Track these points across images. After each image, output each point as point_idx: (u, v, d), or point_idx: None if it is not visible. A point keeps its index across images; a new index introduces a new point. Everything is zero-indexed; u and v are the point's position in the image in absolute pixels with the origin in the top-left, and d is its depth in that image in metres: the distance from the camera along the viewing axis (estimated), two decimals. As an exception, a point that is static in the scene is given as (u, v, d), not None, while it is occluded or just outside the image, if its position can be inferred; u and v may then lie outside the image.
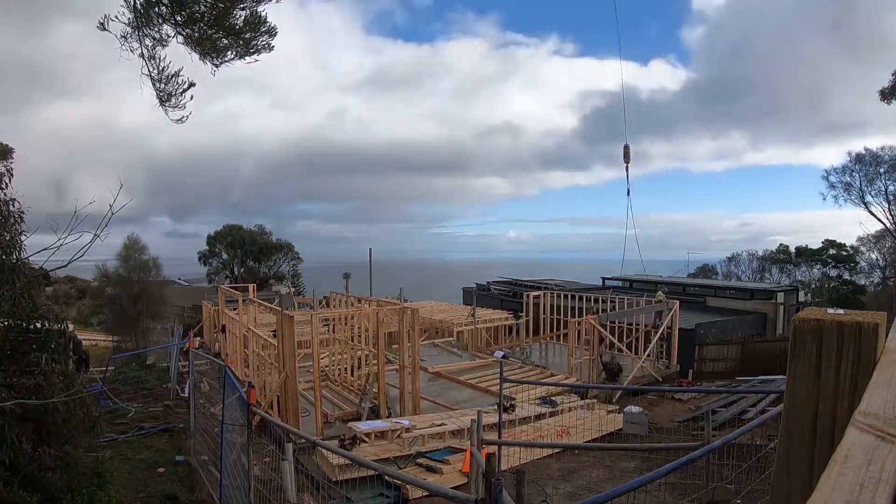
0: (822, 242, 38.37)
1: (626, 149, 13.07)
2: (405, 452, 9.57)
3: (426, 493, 7.86)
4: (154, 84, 4.62)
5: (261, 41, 4.67)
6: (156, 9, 4.36)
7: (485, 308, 21.55)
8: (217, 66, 4.67)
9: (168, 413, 12.51)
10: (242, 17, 4.54)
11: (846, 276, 36.74)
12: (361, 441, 9.78)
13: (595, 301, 19.65)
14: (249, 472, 5.54)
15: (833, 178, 32.91)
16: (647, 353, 16.14)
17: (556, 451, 10.34)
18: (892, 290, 31.49)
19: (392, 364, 13.27)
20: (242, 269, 35.11)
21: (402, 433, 9.96)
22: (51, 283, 30.95)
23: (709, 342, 19.55)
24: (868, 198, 31.85)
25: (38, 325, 5.68)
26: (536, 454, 9.96)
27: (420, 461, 9.33)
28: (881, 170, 31.25)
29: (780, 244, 41.44)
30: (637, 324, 17.40)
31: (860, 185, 31.94)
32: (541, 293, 20.36)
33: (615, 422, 11.86)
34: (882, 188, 31.45)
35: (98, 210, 4.20)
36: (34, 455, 5.30)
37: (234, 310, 15.59)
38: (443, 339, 19.63)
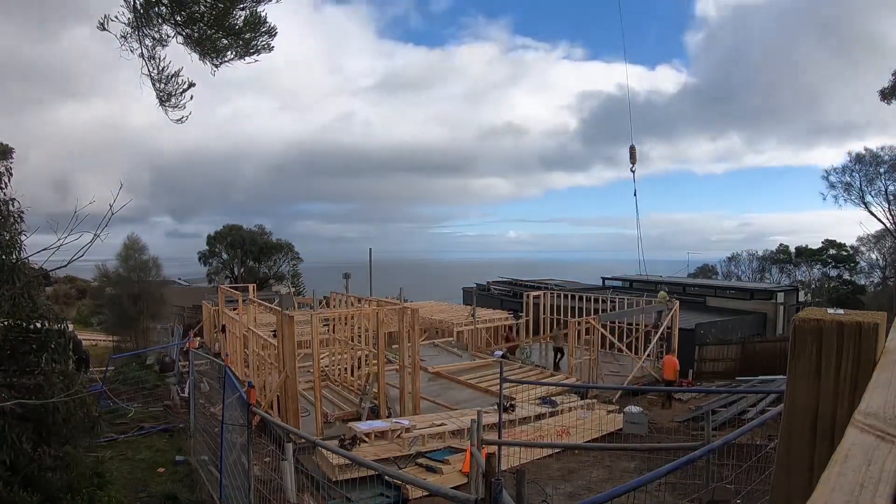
0: (822, 242, 38.39)
1: (633, 150, 13.06)
2: (405, 452, 9.57)
3: (426, 493, 7.86)
4: (154, 84, 4.62)
5: (260, 41, 4.67)
6: (156, 9, 4.36)
7: (485, 308, 21.56)
8: (217, 66, 4.67)
9: (168, 413, 12.52)
10: (242, 18, 4.54)
11: (846, 276, 36.75)
12: (361, 441, 9.77)
13: (595, 301, 19.66)
14: (249, 472, 5.54)
15: (833, 178, 32.98)
16: (647, 353, 16.15)
17: (556, 451, 10.35)
18: (892, 290, 31.49)
19: (392, 364, 13.27)
20: (242, 269, 35.11)
21: (402, 433, 9.96)
22: (51, 283, 30.94)
23: (709, 342, 19.56)
24: (868, 198, 31.92)
25: (38, 325, 5.68)
26: (536, 454, 9.96)
27: (420, 461, 9.33)
28: (881, 170, 31.28)
29: (780, 244, 41.51)
30: (637, 324, 17.41)
31: (860, 185, 32.00)
32: (541, 293, 20.36)
33: (615, 422, 11.86)
34: (882, 188, 31.51)
35: (101, 210, 4.21)
36: (34, 455, 5.30)
37: (234, 310, 15.59)
38: (443, 339, 19.63)
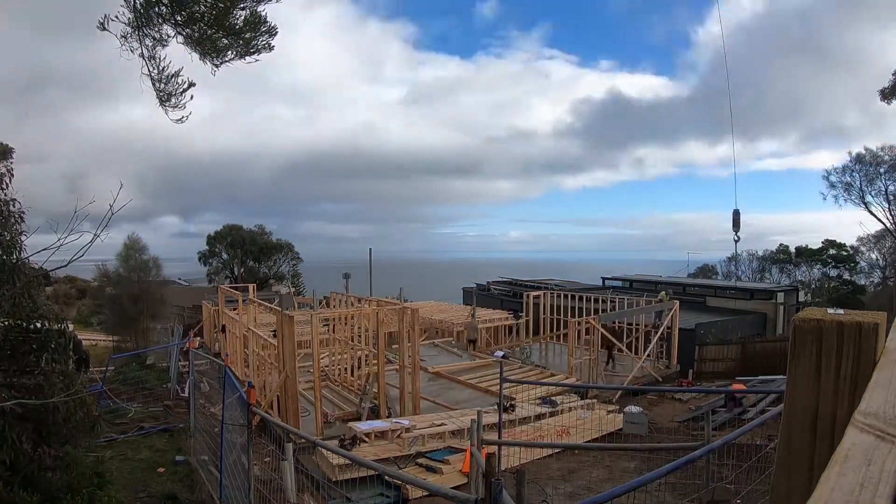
0: (822, 242, 38.36)
1: (736, 214, 13.24)
2: (405, 452, 9.57)
3: (426, 493, 7.86)
4: (154, 84, 4.62)
5: (261, 41, 4.67)
6: (156, 9, 4.36)
7: (485, 308, 21.57)
8: (217, 66, 4.67)
9: (168, 413, 12.52)
10: (242, 17, 4.54)
11: (846, 276, 36.73)
12: (361, 441, 9.77)
13: (595, 301, 19.66)
14: (249, 472, 5.54)
15: (833, 178, 32.92)
16: (647, 353, 16.14)
17: (556, 451, 10.34)
18: (892, 290, 31.46)
19: (392, 364, 13.27)
20: (242, 269, 35.10)
21: (402, 433, 9.96)
22: (51, 283, 30.95)
23: (709, 342, 19.55)
24: (868, 198, 31.88)
25: (38, 325, 5.68)
26: (536, 454, 9.96)
27: (420, 461, 9.33)
28: (881, 170, 31.24)
29: (780, 244, 41.45)
30: (637, 324, 17.41)
31: (860, 185, 31.95)
32: (541, 293, 20.36)
33: (615, 422, 11.86)
34: (882, 188, 31.46)
35: (107, 210, 4.22)
36: (34, 455, 5.30)
37: (234, 310, 15.59)
38: (443, 339, 19.63)
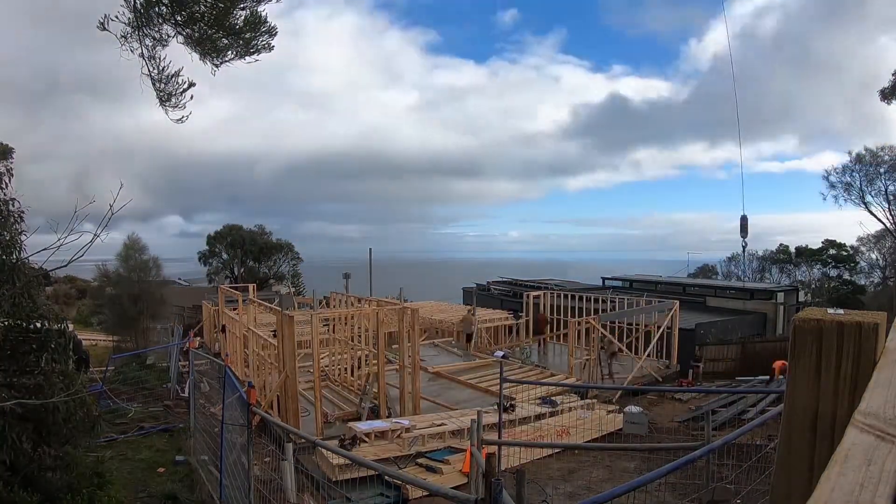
0: (822, 242, 38.34)
1: (744, 220, 13.54)
2: (405, 452, 9.57)
3: (426, 493, 7.86)
4: (154, 84, 4.61)
5: (261, 41, 4.66)
6: (156, 9, 4.36)
7: (485, 308, 21.57)
8: (217, 66, 4.67)
9: (168, 413, 12.52)
10: (242, 17, 4.54)
11: (846, 276, 36.72)
12: (361, 441, 9.77)
13: (595, 301, 19.66)
14: (249, 472, 5.54)
15: (833, 178, 32.90)
16: (647, 353, 16.14)
17: (556, 451, 10.34)
18: (892, 290, 31.46)
19: (392, 364, 13.27)
20: (242, 269, 35.11)
21: (402, 433, 9.96)
22: (51, 283, 30.95)
23: (709, 342, 19.55)
24: (868, 198, 31.87)
25: (38, 325, 5.68)
26: (536, 454, 9.96)
27: (420, 461, 9.33)
28: (881, 170, 31.24)
29: (781, 244, 41.40)
30: (637, 324, 17.40)
31: (860, 185, 31.94)
32: (541, 293, 20.36)
33: (615, 422, 11.85)
34: (882, 188, 31.45)
35: (118, 210, 4.24)
36: (34, 455, 5.30)
37: (234, 310, 15.59)
38: (443, 339, 19.63)
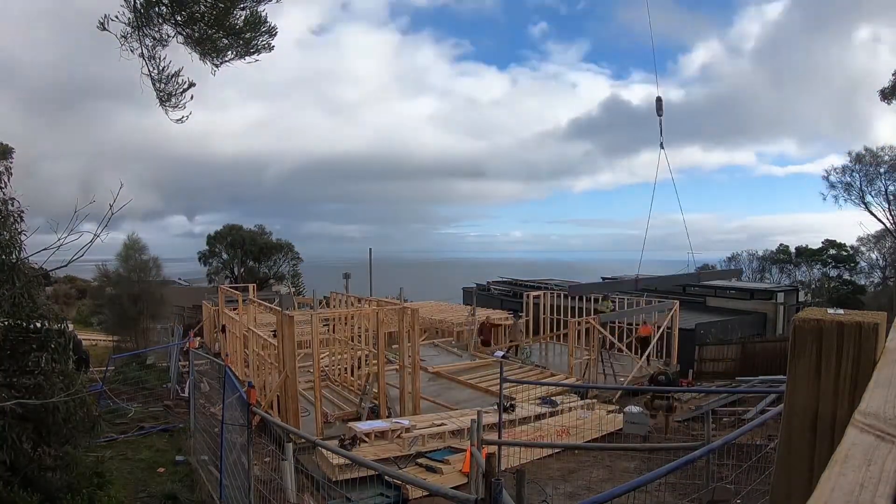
0: (823, 242, 38.33)
1: (659, 100, 14.77)
2: (405, 452, 9.57)
3: (426, 493, 7.86)
4: (154, 84, 4.62)
5: (261, 41, 4.67)
6: (156, 9, 4.36)
7: (485, 308, 21.57)
8: (217, 66, 4.67)
9: (168, 413, 12.52)
10: (242, 17, 4.54)
11: (846, 276, 36.71)
12: (361, 441, 9.77)
13: (595, 301, 19.64)
14: (249, 472, 5.54)
15: (833, 179, 32.90)
16: (647, 354, 16.13)
17: (556, 451, 10.34)
18: (892, 290, 31.45)
19: (392, 364, 13.27)
20: (242, 269, 35.11)
21: (402, 433, 9.95)
22: (51, 283, 30.96)
23: (709, 342, 19.55)
24: (868, 198, 31.87)
25: (38, 325, 5.69)
26: (536, 454, 9.96)
27: (420, 461, 9.33)
28: (881, 170, 31.23)
29: (781, 244, 41.36)
30: (637, 324, 17.40)
31: (860, 185, 31.94)
32: (541, 293, 20.35)
33: (615, 422, 11.85)
34: (882, 188, 31.45)
35: (125, 208, 4.27)
36: (34, 455, 5.30)
37: (234, 310, 15.59)
38: (443, 339, 19.63)
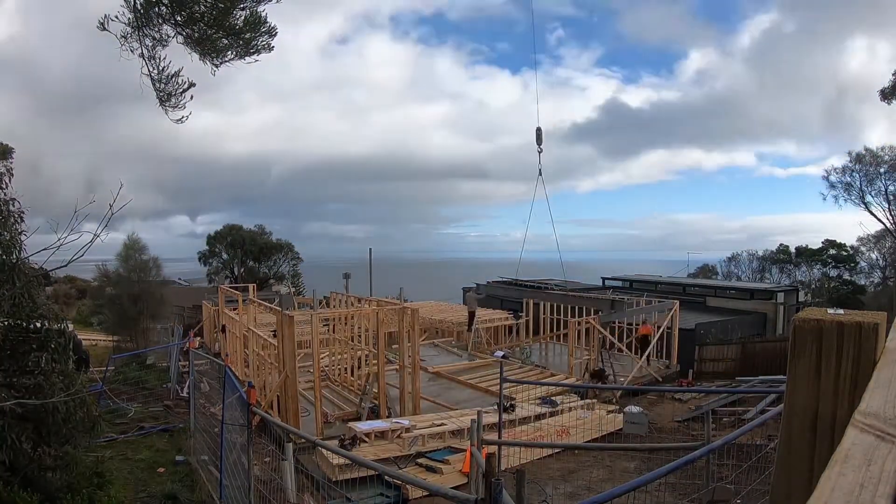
0: (823, 242, 38.34)
1: (539, 131, 14.78)
2: (405, 452, 9.57)
3: (426, 493, 7.86)
4: (154, 84, 4.62)
5: (261, 41, 4.67)
6: (156, 9, 4.36)
7: (485, 308, 21.56)
8: (217, 66, 4.67)
9: (168, 413, 12.51)
10: (242, 17, 4.54)
11: (846, 276, 36.72)
12: (361, 441, 9.77)
13: (595, 301, 19.64)
14: (249, 472, 5.54)
15: (833, 179, 32.87)
16: (647, 354, 16.13)
17: (556, 451, 10.34)
18: (892, 290, 31.44)
19: (392, 364, 13.27)
20: (242, 269, 35.11)
21: (402, 433, 9.95)
22: (51, 283, 30.95)
23: (709, 342, 19.54)
24: (868, 198, 31.84)
25: (38, 325, 5.69)
26: (536, 454, 9.96)
27: (420, 461, 9.33)
28: (881, 170, 31.21)
29: (781, 244, 41.37)
30: (637, 324, 17.40)
31: (860, 185, 31.91)
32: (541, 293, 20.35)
33: (615, 422, 11.85)
34: (882, 188, 31.43)
35: (127, 208, 4.29)
36: (34, 455, 5.30)
37: (234, 310, 15.58)
38: (443, 339, 19.62)
